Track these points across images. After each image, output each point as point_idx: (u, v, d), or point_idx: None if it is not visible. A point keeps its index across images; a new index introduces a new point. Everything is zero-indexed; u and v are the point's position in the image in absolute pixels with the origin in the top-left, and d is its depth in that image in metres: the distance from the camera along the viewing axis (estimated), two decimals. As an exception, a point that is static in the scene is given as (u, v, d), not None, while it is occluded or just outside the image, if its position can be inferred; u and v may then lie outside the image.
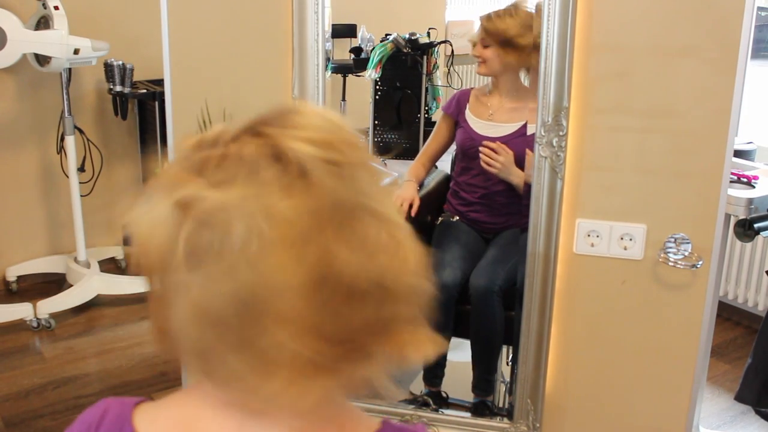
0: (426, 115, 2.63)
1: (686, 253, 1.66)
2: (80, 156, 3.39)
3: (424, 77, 2.61)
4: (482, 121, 2.22)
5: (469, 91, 2.31)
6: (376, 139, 2.75)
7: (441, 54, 2.62)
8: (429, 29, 2.62)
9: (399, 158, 2.73)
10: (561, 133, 1.65)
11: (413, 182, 2.32)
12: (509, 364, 2.19)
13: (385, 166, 2.74)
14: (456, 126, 2.29)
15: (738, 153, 2.34)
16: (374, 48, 2.56)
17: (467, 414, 2.08)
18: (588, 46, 1.60)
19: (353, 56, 2.70)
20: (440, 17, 2.78)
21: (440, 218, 2.33)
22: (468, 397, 2.16)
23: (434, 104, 2.62)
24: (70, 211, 3.40)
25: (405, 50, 2.57)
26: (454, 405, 2.18)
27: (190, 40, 1.85)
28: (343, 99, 2.97)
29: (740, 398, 2.13)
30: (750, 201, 2.11)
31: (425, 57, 2.60)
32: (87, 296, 3.37)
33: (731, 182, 2.10)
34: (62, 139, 3.35)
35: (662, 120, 1.62)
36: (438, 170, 2.45)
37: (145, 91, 3.47)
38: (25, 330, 3.19)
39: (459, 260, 2.17)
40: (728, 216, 2.10)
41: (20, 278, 3.58)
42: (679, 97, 1.60)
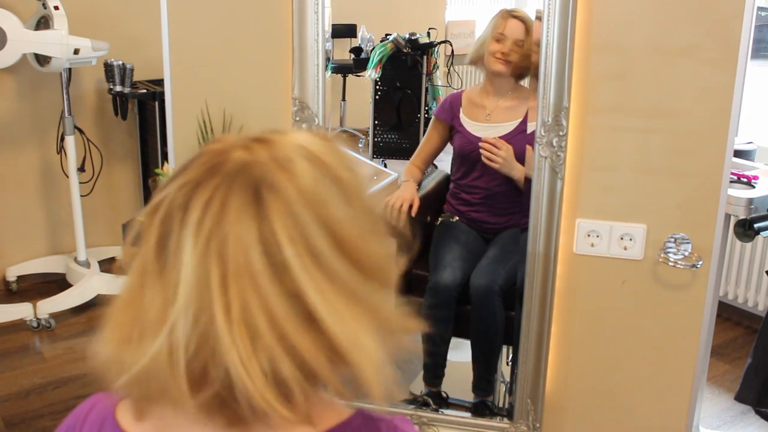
0: (426, 115, 2.62)
1: (686, 253, 1.66)
2: (80, 156, 3.39)
3: (424, 77, 2.61)
4: (479, 124, 2.21)
5: (460, 95, 2.29)
6: (376, 139, 2.75)
7: (441, 54, 2.62)
8: (429, 29, 2.62)
9: (399, 158, 2.73)
10: (561, 133, 1.65)
11: (412, 182, 2.31)
12: (509, 364, 2.19)
13: (385, 167, 2.75)
14: (451, 131, 2.28)
15: (738, 153, 2.34)
16: (374, 48, 2.56)
17: (467, 414, 2.08)
18: (588, 46, 1.61)
19: (353, 56, 2.69)
20: (440, 17, 2.77)
21: (440, 218, 2.32)
22: (468, 397, 2.16)
23: (434, 104, 2.61)
24: (70, 211, 3.40)
25: (405, 50, 2.57)
26: (454, 405, 2.18)
27: (191, 41, 1.85)
28: (343, 99, 2.97)
29: (740, 398, 2.13)
30: (750, 201, 2.11)
31: (425, 57, 2.60)
32: (87, 296, 3.36)
33: (731, 182, 2.10)
34: (62, 139, 3.35)
35: (662, 120, 1.62)
36: (438, 170, 2.44)
37: (145, 91, 3.47)
38: (25, 330, 3.19)
39: (459, 260, 2.17)
40: (728, 216, 2.10)
41: (20, 278, 3.58)
42: (680, 97, 1.60)
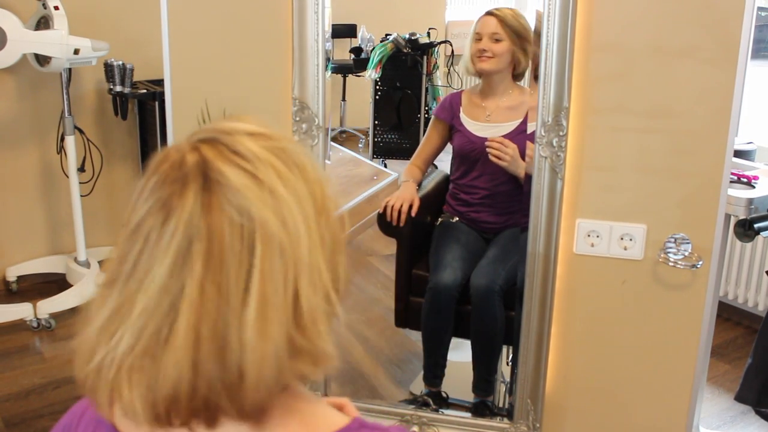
0: (426, 115, 2.62)
1: (686, 253, 1.66)
2: (80, 156, 3.39)
3: (424, 77, 2.61)
4: (480, 124, 2.21)
5: (460, 94, 2.29)
6: (376, 139, 2.75)
7: (441, 54, 2.62)
8: (429, 29, 2.62)
9: (399, 158, 2.73)
10: (561, 133, 1.65)
11: (412, 182, 2.30)
12: (509, 364, 2.19)
13: (385, 167, 2.75)
14: (451, 130, 2.28)
15: (738, 153, 2.34)
16: (374, 48, 2.56)
17: (467, 414, 2.08)
18: (588, 47, 1.60)
19: (353, 56, 2.69)
20: (440, 17, 2.77)
21: (440, 219, 2.32)
22: (468, 397, 2.16)
23: (434, 104, 2.61)
24: (70, 211, 3.40)
25: (405, 50, 2.57)
26: (455, 405, 2.18)
27: (190, 41, 1.85)
28: (343, 99, 2.97)
29: (740, 398, 2.13)
30: (750, 201, 2.11)
31: (425, 57, 2.60)
32: (87, 296, 3.32)
33: (731, 182, 2.10)
34: (62, 139, 3.35)
35: (662, 120, 1.62)
36: (437, 170, 2.44)
37: (145, 91, 3.46)
38: (25, 330, 3.19)
39: (459, 260, 2.17)
40: (728, 216, 2.10)
41: (20, 278, 3.58)
42: (680, 98, 1.60)
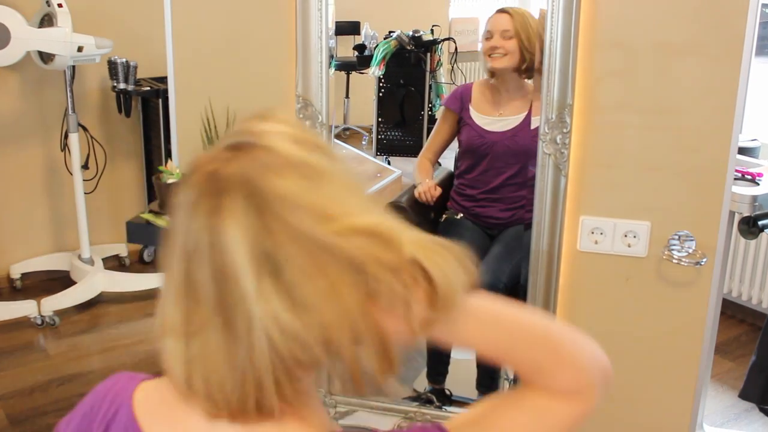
0: (429, 113, 2.62)
1: (690, 251, 1.66)
2: (84, 153, 3.40)
3: (428, 74, 2.61)
4: (489, 117, 2.21)
5: (470, 86, 2.29)
6: (380, 137, 2.75)
7: (445, 51, 2.62)
8: (432, 26, 2.62)
9: (402, 155, 2.72)
10: (565, 131, 1.65)
11: (428, 180, 2.32)
12: (513, 362, 2.18)
13: (389, 164, 2.75)
14: (459, 122, 2.28)
15: (742, 150, 2.34)
16: (378, 45, 2.56)
17: (471, 411, 2.08)
18: (592, 44, 1.60)
19: (357, 53, 2.69)
20: (444, 14, 2.77)
21: (444, 216, 2.32)
22: (472, 395, 2.16)
23: (438, 101, 2.61)
24: (74, 209, 3.41)
25: (408, 47, 2.56)
26: (458, 402, 2.17)
27: (194, 38, 1.85)
28: (347, 96, 2.97)
29: (744, 395, 2.13)
30: (754, 198, 2.10)
31: (429, 54, 2.59)
32: (91, 293, 3.37)
33: (735, 179, 2.10)
34: (66, 137, 3.35)
35: (666, 117, 1.61)
36: (441, 168, 2.44)
37: (149, 89, 3.47)
38: (30, 327, 3.20)
39: (463, 257, 2.17)
40: (732, 213, 2.10)
41: (24, 275, 3.58)
42: (684, 94, 1.60)
